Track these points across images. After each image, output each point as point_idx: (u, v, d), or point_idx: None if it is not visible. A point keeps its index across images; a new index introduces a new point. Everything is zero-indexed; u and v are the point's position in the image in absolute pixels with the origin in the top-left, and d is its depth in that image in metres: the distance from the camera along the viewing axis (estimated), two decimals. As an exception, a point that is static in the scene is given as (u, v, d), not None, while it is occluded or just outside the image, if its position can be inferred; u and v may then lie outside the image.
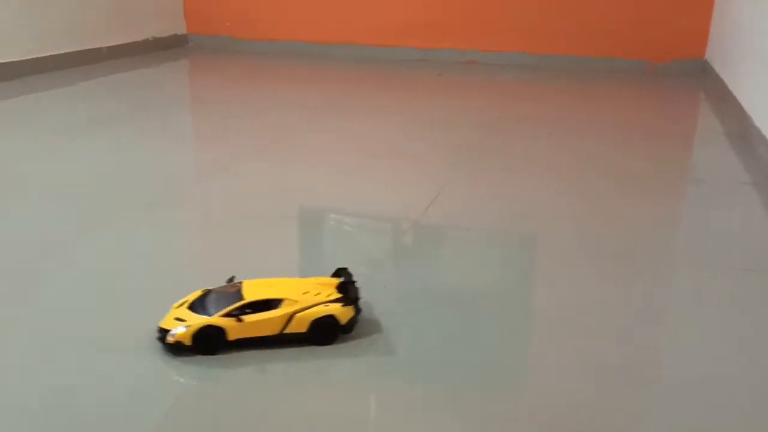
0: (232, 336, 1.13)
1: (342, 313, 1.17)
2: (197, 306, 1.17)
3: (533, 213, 1.84)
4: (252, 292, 1.17)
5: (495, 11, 4.22)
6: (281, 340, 1.15)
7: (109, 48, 4.13)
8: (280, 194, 1.95)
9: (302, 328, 1.15)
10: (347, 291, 1.22)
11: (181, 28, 4.80)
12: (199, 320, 1.13)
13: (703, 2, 3.95)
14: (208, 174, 2.16)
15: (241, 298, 1.16)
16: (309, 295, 1.18)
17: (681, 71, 4.03)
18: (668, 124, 2.90)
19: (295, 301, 1.16)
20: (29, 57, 3.54)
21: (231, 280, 1.24)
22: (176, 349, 1.12)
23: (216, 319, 1.13)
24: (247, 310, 1.14)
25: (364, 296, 1.25)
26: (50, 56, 3.68)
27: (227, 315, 1.13)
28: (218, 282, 1.23)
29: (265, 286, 1.20)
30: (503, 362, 1.17)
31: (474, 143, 2.52)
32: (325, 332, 1.17)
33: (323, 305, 1.17)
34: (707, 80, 3.74)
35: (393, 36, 4.43)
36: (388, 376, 1.11)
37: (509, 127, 2.79)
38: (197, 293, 1.20)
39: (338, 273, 1.29)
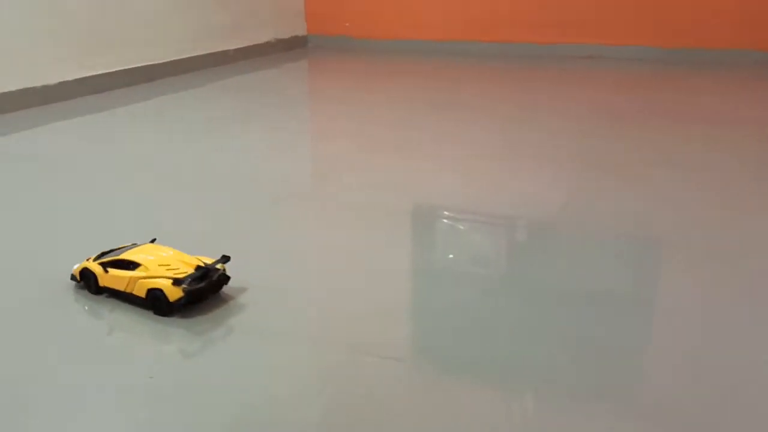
0: (101, 282, 1.35)
1: (171, 291, 1.27)
2: (107, 253, 1.39)
3: (667, 215, 1.78)
4: (132, 253, 1.36)
5: (617, 3, 4.10)
6: (132, 300, 1.31)
7: (235, 50, 4.32)
8: (400, 191, 1.98)
9: (141, 294, 1.30)
10: (201, 275, 1.30)
11: (301, 30, 4.94)
12: (86, 263, 1.37)
13: None
14: (329, 171, 2.22)
15: (118, 254, 1.37)
16: (162, 268, 1.31)
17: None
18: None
19: (147, 269, 1.31)
20: (165, 60, 3.76)
21: (152, 240, 1.44)
22: (73, 278, 1.39)
23: (91, 264, 1.37)
24: (130, 266, 1.32)
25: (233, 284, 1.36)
26: (185, 59, 3.89)
27: (101, 264, 1.35)
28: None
29: (146, 251, 1.37)
30: (620, 365, 1.14)
31: (603, 140, 2.46)
32: (156, 303, 1.29)
33: (159, 279, 1.29)
34: None
35: (513, 31, 4.39)
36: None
37: (639, 122, 2.70)
38: (124, 245, 1.43)
39: (220, 259, 1.38)
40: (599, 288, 1.40)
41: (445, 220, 1.82)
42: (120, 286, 1.33)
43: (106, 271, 1.34)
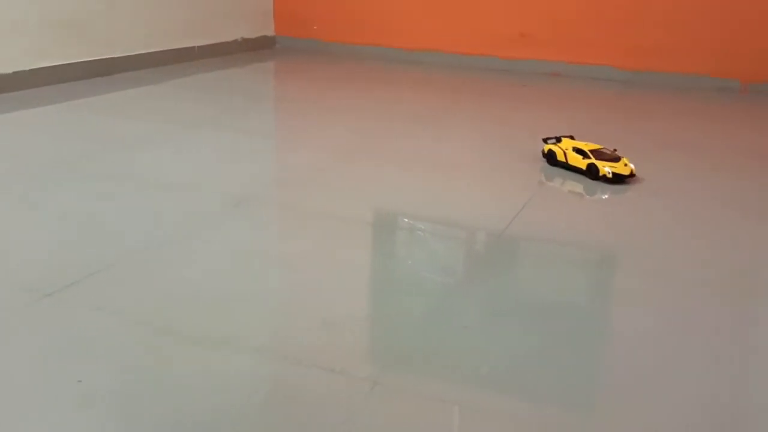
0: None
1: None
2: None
3: (627, 229, 1.82)
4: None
5: (582, 24, 4.17)
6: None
7: (200, 47, 4.28)
8: (364, 198, 1.99)
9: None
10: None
11: (269, 30, 4.92)
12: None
13: (803, 21, 3.80)
14: (293, 175, 2.22)
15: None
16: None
17: (775, 92, 3.89)
18: (764, 146, 2.81)
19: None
20: (127, 54, 3.71)
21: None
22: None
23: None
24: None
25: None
26: (147, 53, 3.84)
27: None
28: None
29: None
30: (571, 382, 1.17)
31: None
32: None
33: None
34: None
35: (479, 45, 4.43)
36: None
37: (597, 140, 2.75)
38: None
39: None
40: (549, 299, 1.42)
41: (405, 228, 1.83)
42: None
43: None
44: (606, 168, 2.15)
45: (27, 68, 3.14)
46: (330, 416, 1.04)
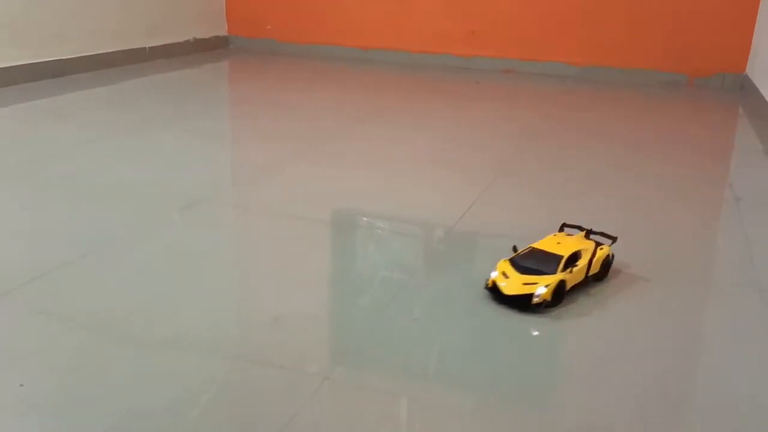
0: (567, 286, 1.40)
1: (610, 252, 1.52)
2: (522, 270, 1.41)
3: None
4: (558, 250, 1.44)
5: (533, 21, 4.22)
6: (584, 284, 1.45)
7: (151, 48, 4.22)
8: (317, 198, 1.99)
9: (598, 268, 1.47)
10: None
11: (222, 30, 4.88)
12: (554, 278, 1.37)
13: (745, 17, 3.91)
14: (245, 176, 2.20)
15: (560, 257, 1.41)
16: (585, 250, 1.46)
17: (720, 86, 3.99)
18: (706, 140, 2.88)
19: (587, 251, 1.46)
20: (78, 55, 3.64)
21: (514, 248, 1.49)
22: (538, 306, 1.36)
23: (561, 275, 1.38)
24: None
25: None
26: (96, 55, 3.78)
27: (564, 270, 1.40)
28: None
29: (555, 245, 1.46)
30: (521, 377, 1.19)
31: (512, 152, 2.53)
32: (606, 268, 1.50)
33: (600, 249, 1.48)
34: (747, 96, 3.70)
35: (432, 43, 4.46)
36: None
37: (547, 136, 2.80)
38: (503, 261, 1.45)
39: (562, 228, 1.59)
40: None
41: (357, 226, 1.84)
42: (582, 276, 1.44)
43: (570, 272, 1.40)
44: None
45: (-30, 71, 3.06)
46: (279, 412, 1.04)
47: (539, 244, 1.48)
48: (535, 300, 1.34)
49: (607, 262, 1.50)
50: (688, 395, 1.15)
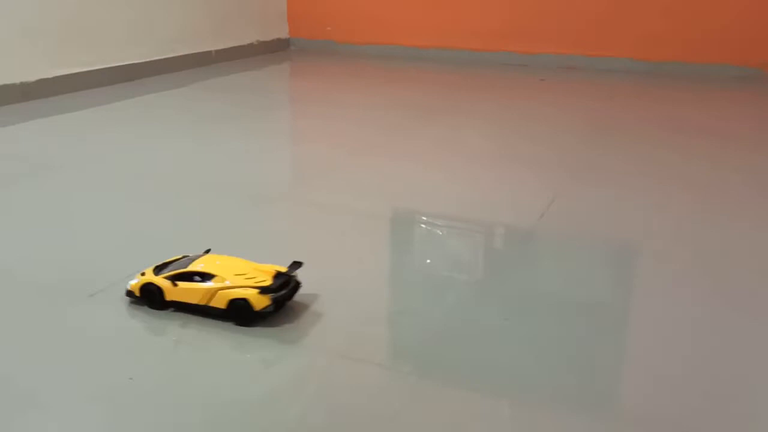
0: (168, 296, 1.29)
1: (257, 300, 1.24)
2: (162, 267, 1.34)
3: (645, 224, 1.81)
4: (199, 263, 1.31)
5: (597, 15, 4.15)
6: (208, 312, 1.27)
7: (217, 51, 4.30)
8: (381, 194, 2.00)
9: (222, 305, 1.26)
10: (282, 282, 1.28)
11: (283, 32, 4.94)
12: (148, 277, 1.31)
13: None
14: (310, 172, 2.22)
15: (186, 266, 1.31)
16: (240, 278, 1.28)
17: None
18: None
19: (224, 279, 1.27)
20: (146, 60, 3.74)
21: (206, 251, 1.39)
22: (131, 295, 1.32)
23: (157, 279, 1.30)
24: (196, 278, 1.28)
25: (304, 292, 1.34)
26: (164, 59, 3.87)
27: (168, 278, 1.29)
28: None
29: (214, 261, 1.33)
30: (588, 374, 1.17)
31: (582, 149, 2.50)
32: (240, 313, 1.25)
33: (242, 288, 1.25)
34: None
35: (492, 40, 4.43)
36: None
37: (618, 133, 2.75)
38: (175, 257, 1.38)
39: (291, 266, 1.34)
40: (583, 296, 1.42)
41: (430, 225, 1.84)
42: (194, 299, 1.28)
43: (175, 285, 1.29)
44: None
45: (50, 76, 3.17)
46: (377, 410, 1.05)
47: (205, 257, 1.35)
48: (127, 287, 1.32)
49: (239, 305, 1.24)
50: None
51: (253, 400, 1.06)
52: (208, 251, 1.40)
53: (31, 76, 3.08)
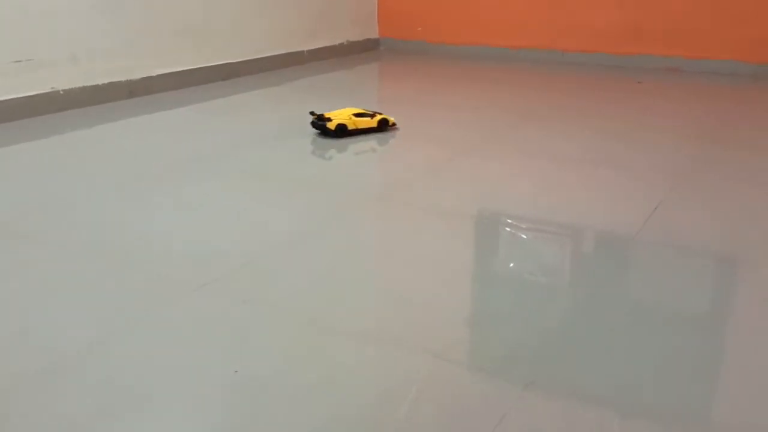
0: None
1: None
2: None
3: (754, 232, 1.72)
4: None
5: (700, 15, 3.98)
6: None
7: (309, 51, 4.37)
8: (478, 196, 1.97)
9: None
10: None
11: (373, 33, 4.97)
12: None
13: None
14: (412, 175, 2.22)
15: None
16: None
17: None
18: None
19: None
20: (241, 59, 3.83)
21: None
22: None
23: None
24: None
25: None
26: (261, 58, 3.96)
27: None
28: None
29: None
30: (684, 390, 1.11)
31: (688, 155, 2.40)
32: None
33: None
34: None
35: (586, 41, 4.32)
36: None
37: (724, 137, 2.63)
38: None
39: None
40: (682, 306, 1.36)
41: (538, 231, 1.81)
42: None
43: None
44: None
45: (154, 74, 3.29)
46: (484, 416, 1.03)
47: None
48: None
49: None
50: None
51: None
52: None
53: (136, 75, 3.22)
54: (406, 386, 1.10)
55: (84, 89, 3.01)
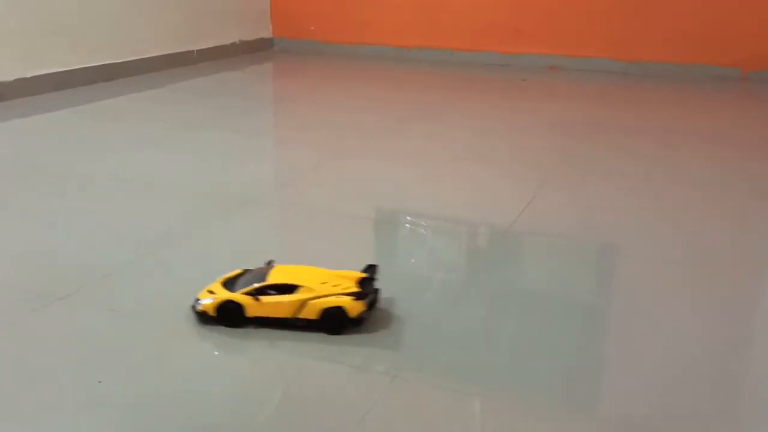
0: (250, 312, 1.24)
1: (352, 306, 1.22)
2: (229, 283, 1.29)
3: (616, 222, 1.82)
4: (276, 275, 1.26)
5: (578, 16, 4.17)
6: (294, 325, 1.24)
7: (199, 51, 4.28)
8: (364, 195, 2.00)
9: (313, 315, 1.23)
10: (366, 286, 1.28)
11: (266, 32, 4.93)
12: (223, 295, 1.25)
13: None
14: (292, 174, 2.22)
15: (264, 279, 1.25)
16: (326, 286, 1.25)
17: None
18: (760, 137, 2.82)
19: (312, 289, 1.23)
20: (125, 59, 3.71)
21: (269, 263, 1.33)
22: (203, 317, 1.25)
23: (236, 296, 1.24)
24: (270, 292, 1.24)
25: (384, 294, 1.32)
26: (146, 59, 3.85)
27: (248, 293, 1.24)
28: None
29: (290, 271, 1.28)
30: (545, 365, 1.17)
31: (559, 150, 2.51)
32: (333, 322, 1.23)
33: (335, 296, 1.23)
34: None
35: (475, 41, 4.44)
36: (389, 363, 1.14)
37: (595, 133, 2.76)
38: (236, 271, 1.33)
39: (367, 269, 1.33)
40: (560, 294, 1.43)
41: (411, 225, 1.84)
42: (283, 313, 1.23)
43: (257, 300, 1.23)
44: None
45: (28, 75, 3.14)
46: (349, 411, 1.05)
47: (277, 268, 1.29)
48: (198, 308, 1.25)
49: (334, 314, 1.22)
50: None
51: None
52: (270, 262, 1.33)
53: (9, 76, 3.06)
54: (269, 387, 1.10)
55: (-50, 92, 2.84)
